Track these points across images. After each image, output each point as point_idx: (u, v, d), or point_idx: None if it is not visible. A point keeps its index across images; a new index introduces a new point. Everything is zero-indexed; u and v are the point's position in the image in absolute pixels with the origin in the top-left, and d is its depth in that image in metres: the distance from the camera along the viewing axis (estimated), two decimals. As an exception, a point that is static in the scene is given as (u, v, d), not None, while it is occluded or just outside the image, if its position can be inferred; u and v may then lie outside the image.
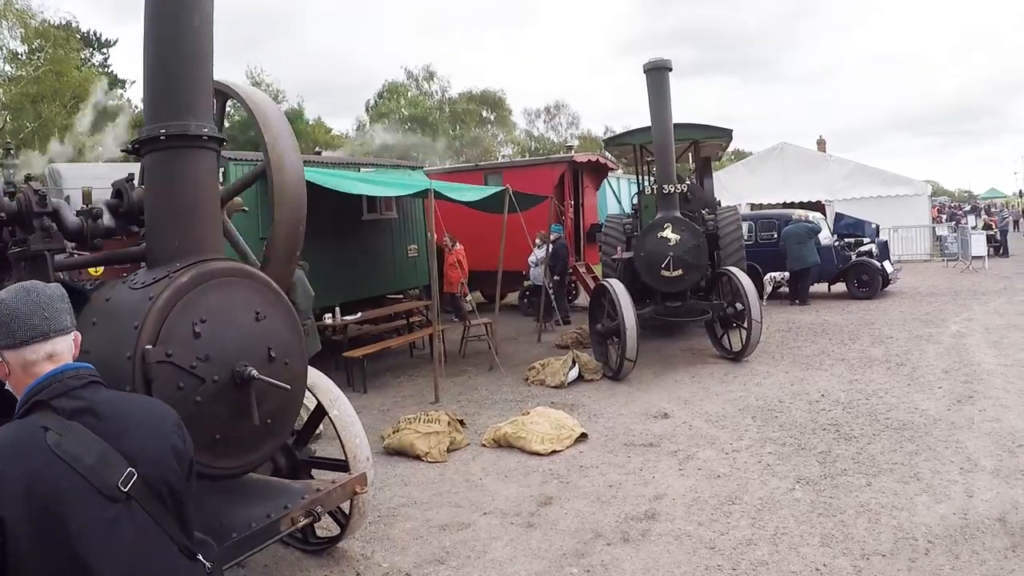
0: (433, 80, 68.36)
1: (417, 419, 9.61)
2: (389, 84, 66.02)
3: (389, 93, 65.30)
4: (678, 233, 12.53)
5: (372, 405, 11.84)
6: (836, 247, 20.54)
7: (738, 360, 13.07)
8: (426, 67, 68.30)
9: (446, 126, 64.62)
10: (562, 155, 23.44)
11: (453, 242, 19.07)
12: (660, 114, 12.69)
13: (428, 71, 68.12)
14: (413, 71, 67.74)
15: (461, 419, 10.18)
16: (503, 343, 16.40)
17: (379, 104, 64.40)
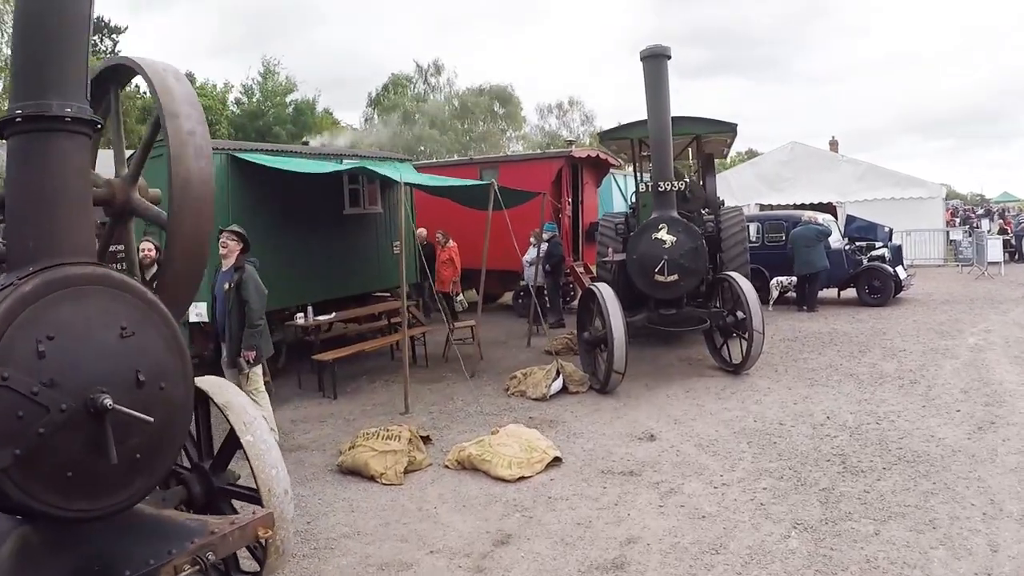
0: (441, 74, 67.57)
1: (375, 435, 8.71)
2: (394, 77, 65.26)
3: (394, 86, 64.53)
4: (674, 235, 11.51)
5: (339, 413, 11.09)
6: (847, 251, 19.46)
7: (737, 373, 12.06)
8: (434, 61, 67.50)
9: (454, 121, 63.89)
10: (560, 149, 22.42)
11: (446, 239, 18.41)
12: (657, 105, 11.67)
13: (436, 65, 67.36)
14: (422, 65, 66.99)
15: (426, 435, 9.34)
16: (490, 347, 15.60)
17: (382, 98, 63.62)
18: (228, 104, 50.07)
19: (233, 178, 12.94)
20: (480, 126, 66.76)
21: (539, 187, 17.29)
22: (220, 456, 5.60)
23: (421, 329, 14.95)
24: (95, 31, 50.33)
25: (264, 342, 9.38)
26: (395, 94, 63.77)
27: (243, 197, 12.98)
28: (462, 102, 66.50)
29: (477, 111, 66.59)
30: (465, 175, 20.16)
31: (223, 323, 9.24)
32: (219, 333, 9.42)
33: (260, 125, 47.87)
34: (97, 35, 51.54)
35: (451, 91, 68.14)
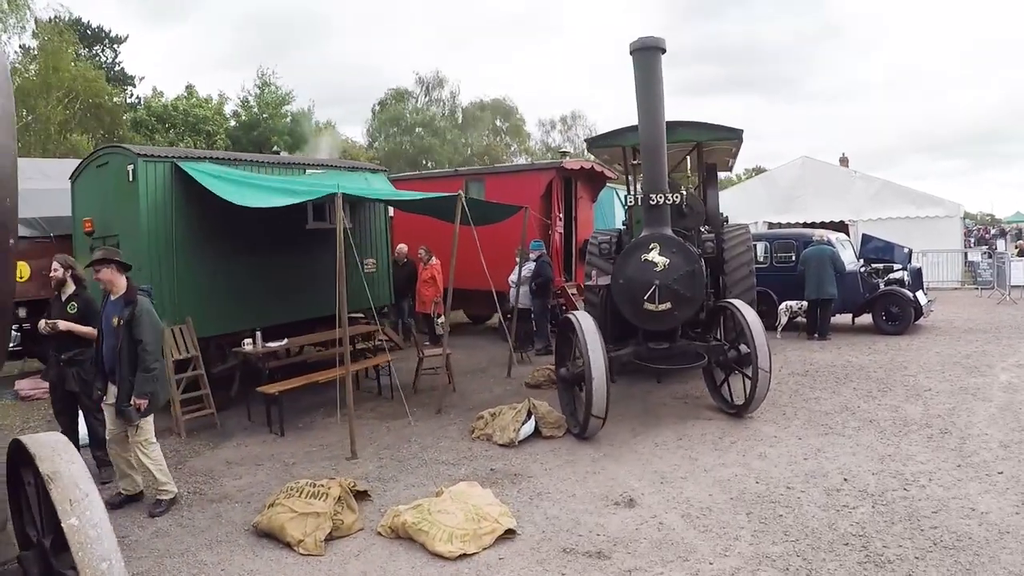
0: (443, 87, 66.46)
1: (300, 491, 7.34)
2: (394, 91, 64.25)
3: (394, 99, 63.57)
4: (667, 256, 9.92)
5: (281, 455, 9.85)
6: (862, 273, 17.87)
7: (740, 416, 10.47)
8: (436, 73, 66.39)
9: (456, 132, 63.02)
10: (549, 161, 20.90)
11: (429, 256, 17.16)
12: (649, 105, 10.09)
13: (438, 77, 66.23)
14: (424, 77, 65.85)
15: (364, 489, 7.93)
16: (467, 376, 14.23)
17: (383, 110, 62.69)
18: (226, 116, 48.98)
19: (178, 190, 11.86)
20: (483, 140, 65.75)
21: (527, 201, 16.05)
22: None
23: (382, 359, 13.41)
24: (93, 40, 50.60)
25: (161, 387, 7.89)
26: (397, 106, 62.67)
27: (190, 211, 11.93)
28: (465, 115, 65.57)
29: (479, 124, 65.68)
30: (450, 188, 18.60)
31: (111, 361, 7.67)
32: (105, 372, 7.84)
33: (256, 136, 46.86)
34: (98, 45, 52.04)
35: (454, 104, 67.13)
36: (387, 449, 9.91)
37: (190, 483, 8.79)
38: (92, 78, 37.91)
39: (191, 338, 11.52)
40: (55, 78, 35.33)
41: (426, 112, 62.84)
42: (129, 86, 53.40)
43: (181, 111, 44.84)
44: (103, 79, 40.22)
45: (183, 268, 11.95)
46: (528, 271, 16.34)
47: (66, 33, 38.22)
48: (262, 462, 9.52)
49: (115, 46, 53.42)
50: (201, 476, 9.08)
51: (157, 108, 45.79)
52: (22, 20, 34.85)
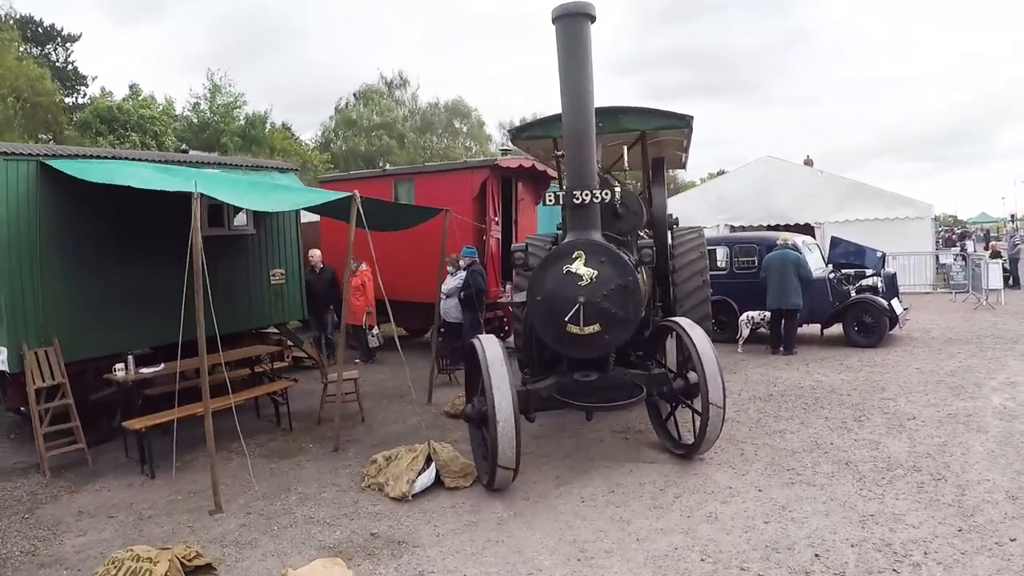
0: (405, 88, 64.74)
1: (119, 566, 5.87)
2: (361, 91, 62.35)
3: (363, 97, 61.75)
4: (594, 266, 8.03)
5: (140, 503, 8.39)
6: (831, 280, 16.12)
7: (688, 458, 8.64)
8: (399, 72, 64.67)
9: (413, 135, 61.25)
10: (482, 159, 19.08)
11: (357, 263, 15.19)
12: (574, 84, 8.18)
13: (402, 78, 64.52)
14: (388, 76, 64.25)
15: (207, 563, 6.39)
16: (382, 402, 12.73)
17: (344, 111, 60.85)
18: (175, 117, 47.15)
19: (45, 192, 10.25)
20: (442, 141, 64.03)
21: (458, 202, 14.54)
22: None
23: (277, 385, 11.59)
24: (47, 39, 49.28)
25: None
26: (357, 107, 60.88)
27: (59, 217, 10.36)
28: (423, 116, 63.91)
29: (437, 125, 64.03)
30: (378, 189, 17.07)
31: None
32: None
33: (206, 137, 45.15)
34: (50, 44, 50.27)
35: (415, 105, 65.40)
36: (260, 500, 8.22)
37: (29, 538, 7.49)
38: (35, 76, 36.24)
39: (58, 363, 10.11)
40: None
41: (387, 114, 60.92)
42: (81, 86, 51.72)
43: (125, 111, 42.85)
44: (47, 78, 38.35)
45: (50, 282, 10.34)
46: (458, 281, 14.52)
47: (7, 30, 36.75)
48: (117, 513, 8.09)
49: (67, 44, 51.49)
50: (45, 529, 7.74)
51: (103, 109, 43.57)
52: None
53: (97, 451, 10.26)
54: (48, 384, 9.94)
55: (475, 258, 14.53)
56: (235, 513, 7.85)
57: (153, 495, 8.62)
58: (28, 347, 10.03)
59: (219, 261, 12.79)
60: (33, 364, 9.93)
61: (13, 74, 34.58)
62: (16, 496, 8.80)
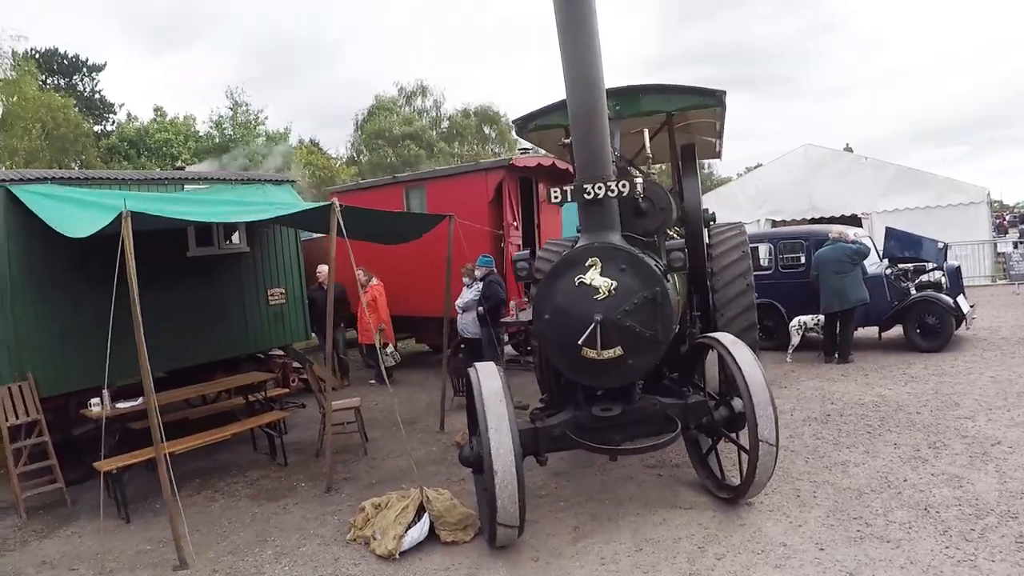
0: (427, 96, 63.29)
1: None
2: (378, 100, 61.21)
3: (378, 110, 60.64)
4: (613, 275, 6.57)
5: (107, 555, 7.56)
6: (888, 276, 14.50)
7: (734, 503, 7.16)
8: (420, 82, 63.22)
9: (443, 143, 60.10)
10: (496, 160, 17.74)
11: (368, 277, 14.09)
12: (575, 51, 6.63)
13: (421, 86, 63.09)
14: (405, 87, 62.77)
15: None
16: (390, 430, 11.33)
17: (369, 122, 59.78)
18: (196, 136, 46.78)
19: (17, 219, 9.71)
20: (473, 148, 62.70)
21: (472, 208, 13.63)
22: None
23: (269, 416, 10.48)
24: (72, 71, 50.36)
25: None
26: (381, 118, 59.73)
27: (33, 243, 9.75)
28: (450, 123, 62.65)
29: (467, 133, 62.67)
30: (389, 197, 15.99)
31: None
32: None
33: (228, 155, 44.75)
34: (76, 74, 51.53)
35: (438, 113, 64.05)
36: (231, 555, 7.27)
37: (-15, 593, 6.95)
38: (58, 107, 36.05)
39: (32, 398, 9.58)
40: (19, 108, 33.83)
41: (412, 123, 59.79)
42: (109, 114, 52.93)
43: (149, 135, 43.62)
44: (70, 107, 38.25)
45: (22, 313, 9.86)
46: (476, 293, 13.19)
47: (27, 64, 36.56)
48: (79, 564, 7.43)
49: (93, 74, 52.61)
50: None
51: (129, 133, 44.67)
52: None
53: (80, 489, 9.60)
54: (19, 421, 9.36)
55: (492, 267, 13.20)
56: (200, 570, 6.96)
57: (123, 543, 7.86)
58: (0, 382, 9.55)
59: (209, 282, 12.21)
60: (6, 399, 9.41)
61: (35, 106, 34.39)
62: None
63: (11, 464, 9.20)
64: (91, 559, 7.50)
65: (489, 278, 12.98)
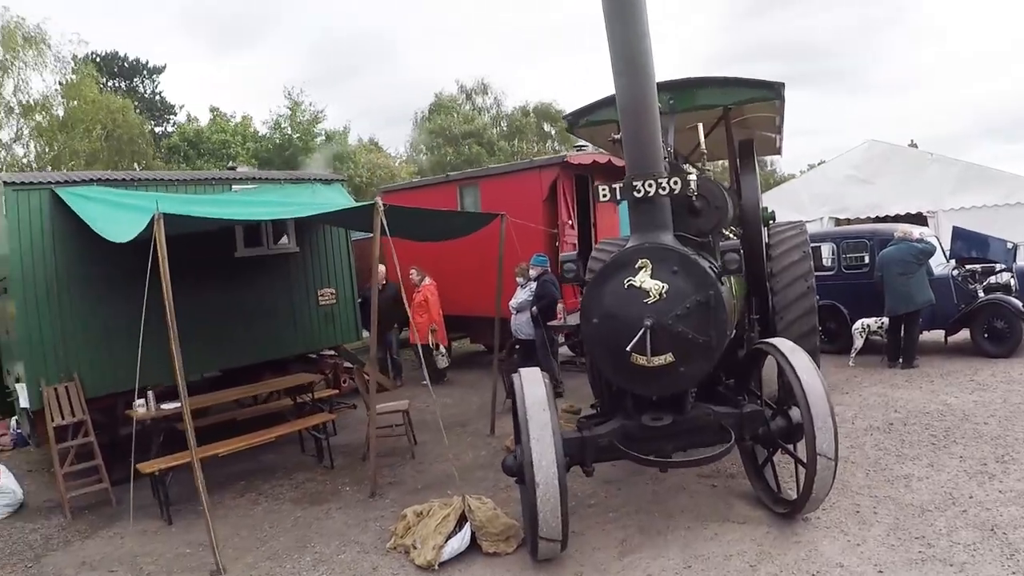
0: (487, 93, 63.08)
1: None
2: (436, 101, 61.10)
3: (437, 108, 60.57)
4: (664, 278, 6.26)
5: (145, 557, 7.60)
6: (955, 278, 13.96)
7: (791, 518, 6.82)
8: (480, 80, 63.02)
9: (503, 143, 59.85)
10: (552, 157, 17.45)
11: (421, 276, 13.97)
12: (623, 38, 6.30)
13: (482, 84, 62.87)
14: (466, 85, 62.58)
15: None
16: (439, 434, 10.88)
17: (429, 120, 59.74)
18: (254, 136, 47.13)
19: (61, 221, 9.85)
20: (532, 146, 62.39)
21: (527, 206, 13.46)
22: None
23: (316, 419, 10.40)
24: (133, 73, 51.64)
25: None
26: (440, 115, 59.64)
27: (78, 245, 9.81)
28: (510, 122, 62.32)
29: (526, 130, 62.33)
30: (442, 196, 15.82)
31: None
32: None
33: (287, 156, 45.05)
34: (136, 77, 52.85)
35: (499, 111, 63.78)
36: (269, 560, 7.19)
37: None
38: (117, 108, 36.28)
39: (79, 398, 9.64)
40: (80, 111, 34.30)
41: (473, 121, 59.62)
42: (170, 115, 53.87)
43: (206, 137, 43.98)
44: (130, 108, 38.47)
45: (69, 314, 9.97)
46: (529, 293, 12.97)
47: (85, 66, 37.01)
48: (118, 567, 7.42)
49: (153, 76, 53.75)
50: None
51: (189, 133, 45.14)
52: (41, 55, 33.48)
53: (126, 489, 9.06)
54: (65, 422, 9.42)
55: (547, 267, 12.96)
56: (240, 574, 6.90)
57: (163, 546, 7.85)
58: (46, 383, 9.66)
59: (258, 283, 12.02)
60: (52, 400, 9.50)
61: (95, 108, 34.78)
62: (30, 540, 8.41)
63: (57, 464, 9.23)
64: (130, 561, 7.48)
65: (543, 278, 12.80)
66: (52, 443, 9.30)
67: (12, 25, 31.94)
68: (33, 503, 9.75)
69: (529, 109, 62.61)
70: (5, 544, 8.35)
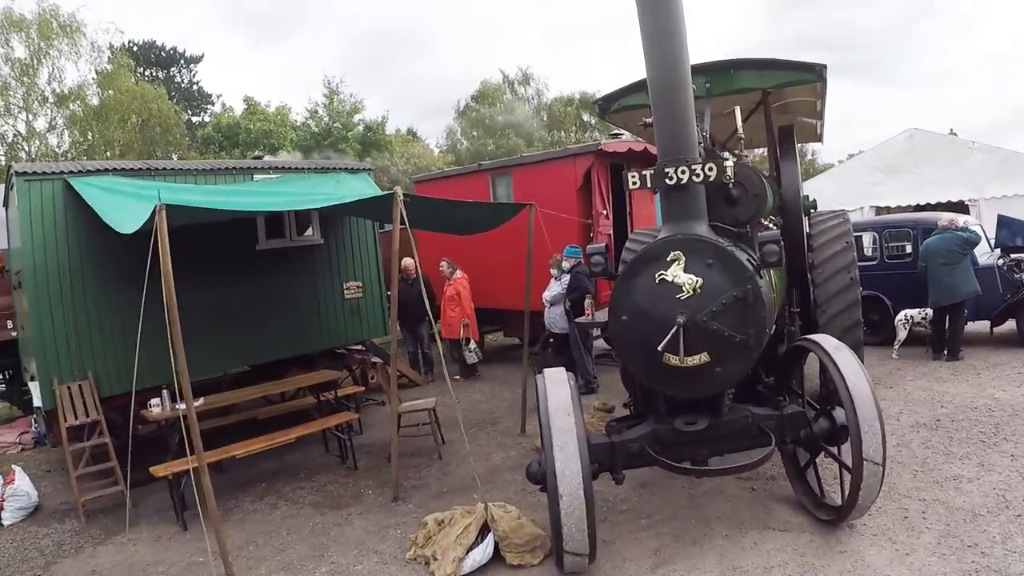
0: (529, 84, 62.48)
1: None
2: (482, 86, 60.64)
3: (481, 96, 60.12)
4: (698, 272, 5.88)
5: (158, 565, 7.37)
6: (1000, 267, 13.48)
7: (836, 525, 6.44)
8: (524, 70, 62.46)
9: (543, 133, 59.28)
10: (584, 144, 17.02)
11: (453, 269, 13.68)
12: (653, 18, 5.91)
13: (525, 74, 62.29)
14: (508, 74, 62.11)
15: None
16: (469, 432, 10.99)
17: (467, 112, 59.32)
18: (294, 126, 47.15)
19: (74, 213, 9.55)
20: (571, 136, 61.80)
21: (561, 195, 13.32)
22: None
23: (337, 418, 10.10)
24: (170, 63, 51.99)
25: None
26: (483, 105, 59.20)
27: (92, 238, 9.54)
28: (551, 112, 61.67)
29: (567, 121, 61.67)
30: (474, 186, 15.48)
31: None
32: None
33: (327, 144, 45.17)
34: (173, 67, 53.35)
35: (540, 102, 63.10)
36: (284, 571, 6.91)
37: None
38: (151, 98, 36.45)
39: (93, 397, 9.38)
40: (114, 100, 34.54)
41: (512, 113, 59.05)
42: (207, 104, 54.50)
43: (244, 128, 44.22)
44: (163, 98, 38.60)
45: (83, 311, 9.69)
46: (563, 287, 12.64)
47: (120, 56, 37.37)
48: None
49: (191, 66, 54.13)
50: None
51: (225, 124, 45.48)
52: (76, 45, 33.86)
53: (144, 491, 9.26)
54: (85, 420, 9.21)
55: (580, 259, 12.60)
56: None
57: (176, 554, 7.55)
58: (59, 381, 9.40)
59: (281, 276, 11.73)
60: (65, 399, 9.25)
61: (129, 98, 34.95)
62: (42, 546, 8.19)
63: (70, 466, 9.00)
64: (141, 570, 7.26)
65: (576, 269, 12.47)
66: (65, 444, 9.09)
67: (48, 14, 32.11)
68: (49, 505, 9.53)
69: (571, 98, 61.94)
70: (16, 549, 8.12)
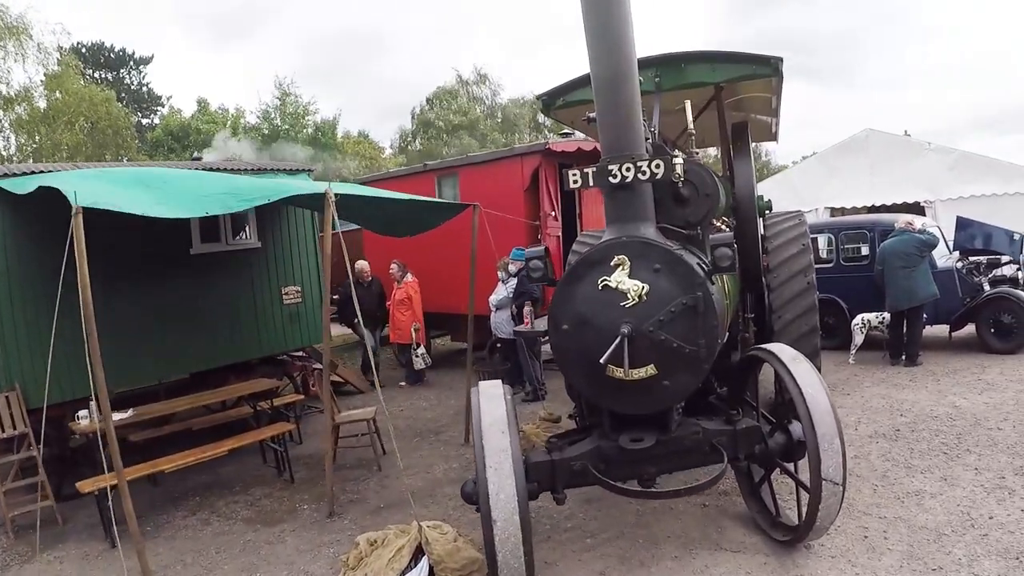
0: (484, 83, 62.07)
1: None
2: (438, 90, 60.12)
3: (437, 99, 59.62)
4: (645, 277, 5.42)
5: None
6: (959, 270, 13.24)
7: (793, 546, 6.04)
8: (478, 70, 62.05)
9: (496, 135, 58.86)
10: (533, 144, 16.64)
11: (403, 271, 13.17)
12: (597, 12, 5.43)
13: (479, 74, 61.89)
14: (464, 76, 61.61)
15: None
16: (413, 441, 10.66)
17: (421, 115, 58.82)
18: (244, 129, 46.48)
19: (6, 215, 9.06)
20: (526, 138, 61.42)
21: (508, 196, 12.93)
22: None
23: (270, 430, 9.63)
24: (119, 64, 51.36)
25: None
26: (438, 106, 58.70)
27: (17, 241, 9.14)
28: (505, 114, 61.29)
29: (520, 122, 61.29)
30: (420, 186, 15.04)
31: None
32: None
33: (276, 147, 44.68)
34: (122, 68, 52.64)
35: (494, 102, 62.70)
36: None
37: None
38: (100, 100, 35.81)
39: (19, 410, 8.94)
40: (62, 103, 33.93)
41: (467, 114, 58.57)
42: (157, 107, 53.89)
43: (195, 129, 43.89)
44: (112, 100, 37.92)
45: (10, 316, 9.20)
46: (509, 290, 12.25)
47: (69, 57, 36.59)
48: None
49: (140, 68, 53.61)
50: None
51: (173, 125, 45.03)
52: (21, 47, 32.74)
53: (78, 504, 8.78)
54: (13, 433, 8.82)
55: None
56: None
57: (102, 572, 7.19)
58: None
59: (216, 281, 11.26)
60: None
61: (78, 100, 34.32)
62: None
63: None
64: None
65: (523, 273, 12.02)
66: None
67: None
68: (-21, 521, 9.11)
69: (524, 100, 61.62)
70: (-61, 567, 7.68)
